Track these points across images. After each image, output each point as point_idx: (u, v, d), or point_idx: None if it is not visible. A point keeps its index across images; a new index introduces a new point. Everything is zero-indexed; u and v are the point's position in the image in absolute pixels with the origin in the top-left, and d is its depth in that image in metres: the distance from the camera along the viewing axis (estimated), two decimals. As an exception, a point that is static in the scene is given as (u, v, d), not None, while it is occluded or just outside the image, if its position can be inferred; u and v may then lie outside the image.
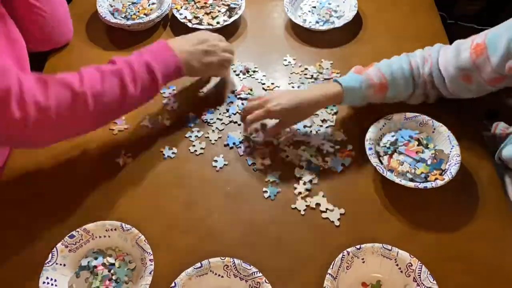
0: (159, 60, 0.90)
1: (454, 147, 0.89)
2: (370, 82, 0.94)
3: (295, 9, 1.22)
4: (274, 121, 0.97)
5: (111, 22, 1.17)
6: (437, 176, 0.87)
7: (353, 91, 0.94)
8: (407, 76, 0.94)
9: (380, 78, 0.93)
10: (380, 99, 0.96)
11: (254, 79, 1.11)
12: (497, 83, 0.88)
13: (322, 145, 0.98)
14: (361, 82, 0.94)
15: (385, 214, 0.88)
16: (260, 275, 0.76)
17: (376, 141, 0.92)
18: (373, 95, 0.95)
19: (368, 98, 0.96)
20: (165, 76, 0.91)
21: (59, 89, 0.79)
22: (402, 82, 0.94)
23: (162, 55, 0.92)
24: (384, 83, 0.94)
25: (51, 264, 0.78)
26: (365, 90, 0.94)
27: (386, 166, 0.90)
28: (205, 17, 1.19)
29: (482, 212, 0.87)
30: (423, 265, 0.76)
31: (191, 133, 1.01)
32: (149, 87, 0.89)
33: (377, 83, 0.93)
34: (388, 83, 0.94)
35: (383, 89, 0.94)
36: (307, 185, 0.92)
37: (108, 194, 0.92)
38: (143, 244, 0.80)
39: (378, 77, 0.94)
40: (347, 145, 0.97)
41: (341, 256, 0.77)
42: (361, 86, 0.94)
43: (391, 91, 0.95)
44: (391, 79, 0.93)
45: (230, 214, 0.90)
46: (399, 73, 0.93)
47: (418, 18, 1.22)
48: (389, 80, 0.93)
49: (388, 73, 0.94)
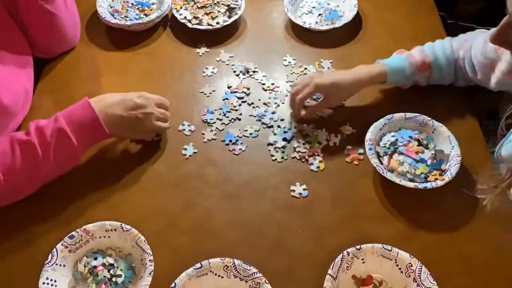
0: (77, 127, 0.85)
1: (454, 147, 0.89)
2: (412, 60, 0.97)
3: (295, 9, 1.22)
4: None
5: (111, 23, 1.17)
6: (437, 177, 0.86)
7: (397, 70, 0.97)
8: (449, 57, 0.97)
9: (423, 57, 0.97)
10: (425, 78, 1.00)
11: (254, 79, 1.10)
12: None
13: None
14: (403, 61, 0.97)
15: (385, 214, 0.88)
16: (260, 276, 0.76)
17: (376, 141, 0.92)
18: (416, 74, 0.98)
19: (412, 77, 0.99)
20: (85, 142, 0.88)
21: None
22: (444, 62, 0.97)
23: (82, 121, 0.86)
24: (427, 62, 0.97)
25: (51, 264, 0.78)
26: (408, 69, 0.97)
27: (386, 167, 0.89)
28: (204, 17, 1.19)
29: (482, 212, 0.87)
30: (423, 266, 0.76)
31: (191, 132, 1.01)
32: (66, 156, 0.87)
33: (419, 61, 0.97)
34: (430, 62, 0.97)
35: (426, 68, 0.97)
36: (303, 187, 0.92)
37: (108, 194, 0.92)
38: (143, 245, 0.80)
39: (421, 56, 0.97)
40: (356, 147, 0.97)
41: (341, 257, 0.77)
42: (404, 65, 0.97)
43: (435, 71, 0.98)
44: (434, 58, 0.97)
45: (230, 214, 0.90)
46: (441, 53, 0.97)
47: (418, 18, 1.21)
48: (431, 59, 0.97)
49: (430, 52, 0.97)
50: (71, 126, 0.85)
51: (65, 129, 0.84)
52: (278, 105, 1.06)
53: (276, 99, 1.06)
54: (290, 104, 1.03)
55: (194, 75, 1.12)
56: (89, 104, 0.87)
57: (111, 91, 0.93)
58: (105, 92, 0.92)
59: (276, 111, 1.04)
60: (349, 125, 1.01)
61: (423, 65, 0.97)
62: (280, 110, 1.05)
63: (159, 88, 1.09)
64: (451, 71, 0.99)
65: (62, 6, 1.06)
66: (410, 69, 0.97)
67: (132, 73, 1.13)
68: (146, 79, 1.12)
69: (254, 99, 1.07)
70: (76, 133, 0.86)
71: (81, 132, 0.86)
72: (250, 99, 1.07)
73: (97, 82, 1.10)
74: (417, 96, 1.03)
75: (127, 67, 1.14)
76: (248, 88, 1.08)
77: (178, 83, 1.11)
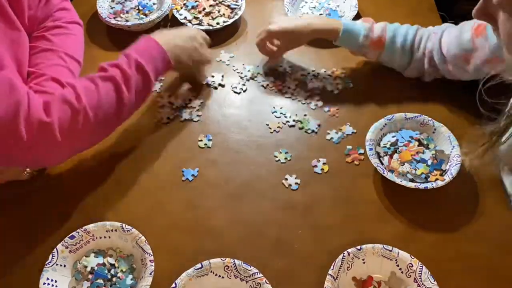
0: (147, 58, 0.90)
1: (454, 148, 0.89)
2: (369, 33, 0.96)
3: (295, 9, 1.22)
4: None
5: (111, 23, 1.17)
6: (438, 177, 0.87)
7: (351, 34, 0.97)
8: (407, 44, 0.96)
9: (381, 35, 0.96)
10: (374, 55, 0.99)
11: (256, 82, 1.11)
12: (492, 64, 0.88)
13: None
14: (361, 29, 0.97)
15: (386, 214, 0.88)
16: (261, 276, 0.76)
17: (376, 142, 0.92)
18: (367, 48, 0.98)
19: (362, 49, 0.99)
20: (156, 72, 0.92)
21: (60, 107, 0.79)
22: (400, 48, 0.96)
23: (151, 52, 0.92)
24: (382, 41, 0.96)
25: (51, 265, 0.78)
26: (362, 39, 0.97)
27: (386, 167, 0.90)
28: (205, 17, 1.19)
29: (482, 212, 0.87)
30: (424, 266, 0.76)
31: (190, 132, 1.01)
32: (143, 87, 0.90)
33: (376, 37, 0.96)
34: (385, 42, 0.96)
35: (379, 46, 0.97)
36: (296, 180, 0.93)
37: (108, 194, 0.92)
38: (144, 245, 0.80)
39: (379, 33, 0.96)
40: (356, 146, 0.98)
41: (342, 257, 0.77)
42: (359, 32, 0.97)
43: (386, 52, 0.97)
44: (390, 41, 0.96)
45: (230, 214, 0.90)
46: (401, 39, 0.96)
47: (418, 18, 1.21)
48: (387, 40, 0.96)
49: (391, 34, 0.96)
50: (143, 59, 0.90)
51: (140, 61, 0.89)
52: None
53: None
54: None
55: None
56: (153, 38, 0.94)
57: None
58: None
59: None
60: (350, 125, 1.01)
61: (377, 42, 0.97)
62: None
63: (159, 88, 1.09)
64: (404, 59, 0.99)
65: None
66: (364, 39, 0.97)
67: (132, 73, 1.12)
68: (146, 79, 1.11)
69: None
70: (149, 64, 0.90)
71: (152, 63, 0.91)
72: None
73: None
74: (417, 96, 1.04)
75: (127, 67, 1.14)
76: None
77: (178, 83, 1.10)
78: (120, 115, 0.88)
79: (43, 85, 0.93)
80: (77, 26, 1.08)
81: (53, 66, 0.97)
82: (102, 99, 0.83)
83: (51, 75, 0.93)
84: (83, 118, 0.80)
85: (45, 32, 1.01)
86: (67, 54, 1.00)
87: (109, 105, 0.84)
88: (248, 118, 1.04)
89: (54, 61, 0.97)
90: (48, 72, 0.94)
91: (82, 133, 0.82)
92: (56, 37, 1.01)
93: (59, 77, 0.95)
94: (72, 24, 1.07)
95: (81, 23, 1.11)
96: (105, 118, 0.84)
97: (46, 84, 0.93)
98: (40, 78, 0.94)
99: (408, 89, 1.04)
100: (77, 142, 0.84)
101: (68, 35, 1.04)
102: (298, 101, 1.06)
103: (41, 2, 1.02)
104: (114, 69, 0.86)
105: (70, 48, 1.02)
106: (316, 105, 1.05)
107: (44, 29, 1.02)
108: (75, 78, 0.93)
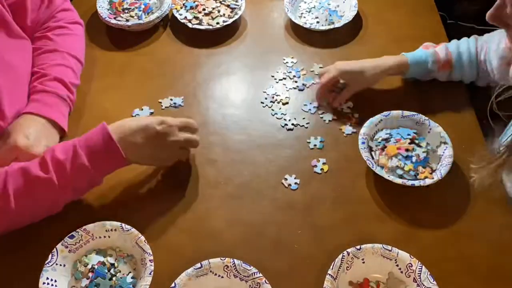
0: (96, 157, 0.81)
1: (447, 148, 0.90)
2: (436, 57, 0.99)
3: (295, 9, 1.22)
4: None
5: (111, 23, 1.17)
6: (427, 175, 0.87)
7: (419, 64, 1.00)
8: (472, 58, 0.99)
9: (447, 55, 0.99)
10: (445, 76, 1.02)
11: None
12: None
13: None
14: (427, 56, 0.99)
15: (385, 214, 0.88)
16: (260, 276, 0.76)
17: (370, 137, 0.93)
18: (437, 71, 1.00)
19: (433, 74, 1.02)
20: (103, 172, 0.85)
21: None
22: (467, 63, 0.99)
23: (101, 151, 0.82)
24: (450, 60, 0.99)
25: (51, 264, 0.78)
26: (430, 65, 0.99)
27: (377, 161, 0.90)
28: (204, 17, 1.19)
29: (482, 212, 0.87)
30: (423, 266, 0.76)
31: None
32: (86, 185, 0.85)
33: (442, 60, 0.99)
34: (453, 61, 0.99)
35: (448, 67, 0.99)
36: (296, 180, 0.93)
37: (108, 194, 0.92)
38: (143, 245, 0.80)
39: (444, 56, 0.99)
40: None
41: (341, 257, 0.77)
42: (427, 60, 0.99)
43: (456, 70, 1.00)
44: (457, 58, 0.99)
45: (230, 214, 0.90)
46: (465, 54, 0.98)
47: (418, 18, 1.22)
48: (454, 58, 0.99)
49: (455, 52, 0.99)
50: (90, 157, 0.81)
51: (85, 164, 0.80)
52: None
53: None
54: (316, 96, 1.05)
55: (194, 75, 1.12)
56: (108, 132, 0.82)
57: (111, 91, 0.93)
58: (106, 92, 0.92)
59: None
60: (350, 125, 1.01)
61: (446, 64, 1.00)
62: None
63: (159, 88, 1.09)
64: (473, 71, 1.01)
65: None
66: (433, 66, 0.99)
67: (132, 73, 1.13)
68: (146, 79, 1.12)
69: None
70: (95, 163, 0.81)
71: (99, 161, 0.82)
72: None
73: (97, 82, 1.10)
74: (417, 96, 1.04)
75: (127, 67, 1.14)
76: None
77: (178, 83, 1.11)
78: (53, 210, 0.85)
79: (46, 85, 0.93)
80: (78, 26, 1.09)
81: (57, 66, 0.97)
82: (35, 202, 0.81)
83: (54, 75, 0.94)
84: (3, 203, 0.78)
85: (47, 32, 1.02)
86: (70, 54, 1.00)
87: (42, 205, 0.82)
88: (248, 118, 1.04)
89: (58, 61, 0.98)
90: (52, 72, 0.95)
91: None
92: (59, 37, 1.01)
93: (62, 77, 0.95)
94: (73, 24, 1.07)
95: (82, 23, 1.11)
96: (34, 215, 0.84)
97: (49, 84, 0.93)
98: (43, 78, 0.94)
99: (409, 88, 1.04)
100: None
101: (71, 35, 1.05)
102: (298, 103, 1.06)
103: (43, 4, 1.03)
104: (55, 169, 0.79)
105: (73, 48, 1.02)
106: (315, 107, 1.05)
107: (47, 29, 1.03)
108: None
